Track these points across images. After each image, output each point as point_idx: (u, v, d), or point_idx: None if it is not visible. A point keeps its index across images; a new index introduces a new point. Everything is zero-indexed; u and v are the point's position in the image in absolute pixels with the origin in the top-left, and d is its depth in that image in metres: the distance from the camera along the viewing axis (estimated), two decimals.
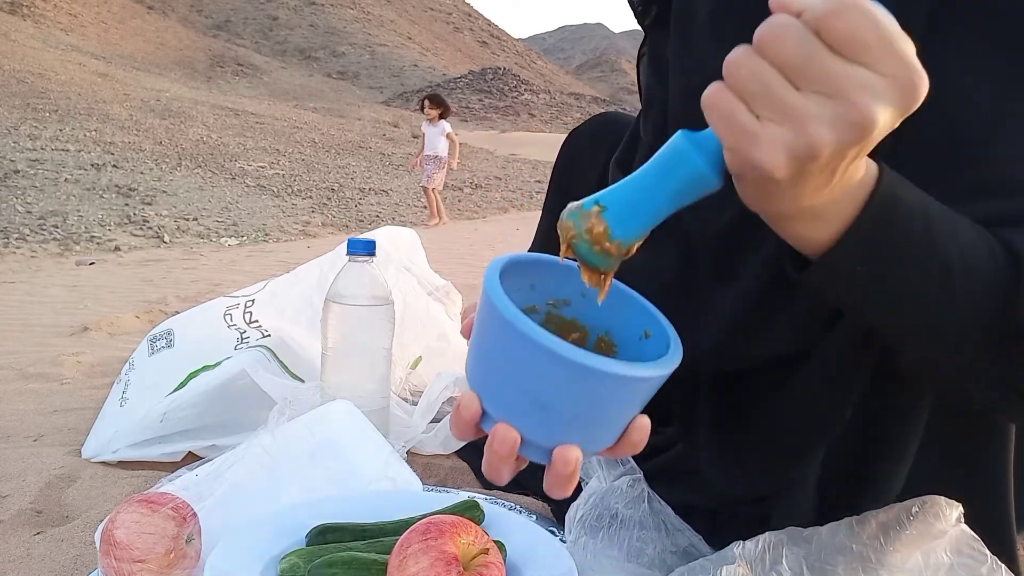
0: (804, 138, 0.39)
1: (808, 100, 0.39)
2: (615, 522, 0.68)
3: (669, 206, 0.46)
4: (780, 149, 0.40)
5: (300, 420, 0.84)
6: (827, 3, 0.38)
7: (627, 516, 0.68)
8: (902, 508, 0.57)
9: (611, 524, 0.68)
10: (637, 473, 0.71)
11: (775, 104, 0.39)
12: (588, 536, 0.67)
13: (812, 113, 0.39)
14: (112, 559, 0.64)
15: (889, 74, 0.38)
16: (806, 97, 0.39)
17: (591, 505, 0.69)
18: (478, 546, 0.59)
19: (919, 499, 0.57)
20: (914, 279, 0.49)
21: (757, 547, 0.59)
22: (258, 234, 6.75)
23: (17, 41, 23.89)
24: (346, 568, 0.60)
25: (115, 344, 2.22)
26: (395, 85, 61.13)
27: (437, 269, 1.53)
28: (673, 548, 0.67)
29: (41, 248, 5.59)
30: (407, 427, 1.13)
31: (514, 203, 10.73)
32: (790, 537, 0.59)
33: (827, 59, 0.38)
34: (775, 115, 0.39)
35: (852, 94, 0.38)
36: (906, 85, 0.39)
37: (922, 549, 0.55)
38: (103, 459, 1.12)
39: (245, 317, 1.24)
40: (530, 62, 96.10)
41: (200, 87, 32.63)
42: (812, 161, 0.40)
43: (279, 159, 12.13)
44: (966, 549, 0.56)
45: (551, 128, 35.34)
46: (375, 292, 1.00)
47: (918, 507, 0.56)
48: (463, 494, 0.81)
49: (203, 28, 71.49)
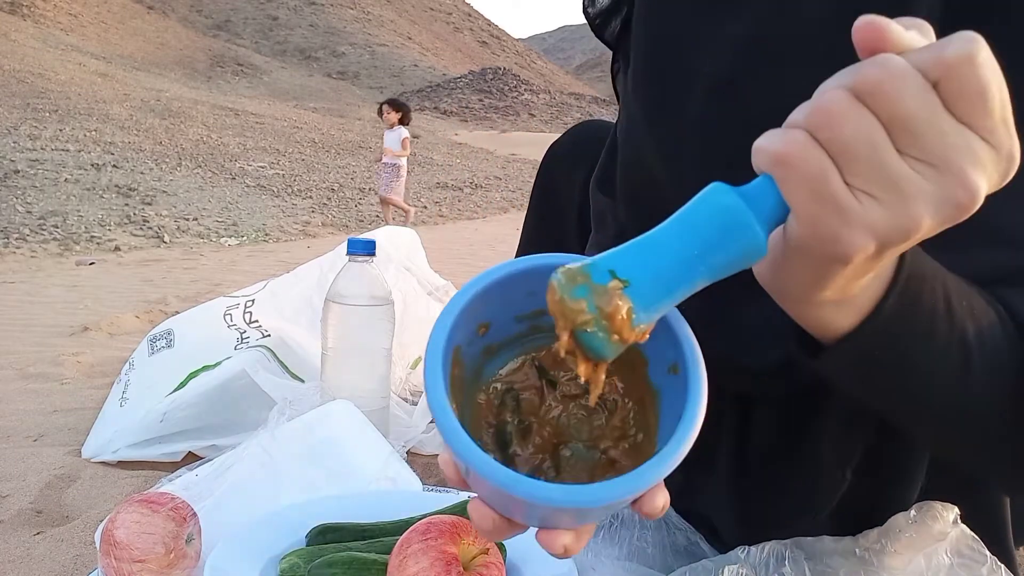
0: (904, 220, 0.31)
1: (915, 172, 0.31)
2: (616, 521, 0.68)
3: (707, 280, 0.35)
4: (873, 230, 0.32)
5: (300, 420, 0.84)
6: (951, 47, 0.30)
7: (627, 515, 0.68)
8: (901, 514, 0.57)
9: (611, 523, 0.68)
10: None
11: (882, 175, 0.31)
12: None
13: (920, 189, 0.31)
14: (112, 559, 0.64)
15: (998, 145, 0.31)
16: (913, 167, 0.31)
17: None
18: (478, 546, 0.59)
19: (916, 504, 0.57)
20: (936, 362, 0.43)
21: (762, 552, 0.59)
22: (258, 234, 6.75)
23: (17, 41, 23.89)
24: (346, 568, 0.60)
25: (115, 344, 2.22)
26: (395, 85, 61.13)
27: (437, 269, 1.53)
28: (674, 547, 0.67)
29: (41, 248, 5.59)
30: (407, 427, 1.13)
31: (514, 203, 10.72)
32: (794, 542, 0.59)
33: (945, 121, 0.30)
34: (878, 188, 0.31)
35: (965, 167, 0.31)
36: (1010, 159, 0.32)
37: (923, 552, 0.55)
38: (103, 459, 1.12)
39: (245, 317, 1.24)
40: (530, 62, 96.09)
41: (200, 87, 32.63)
42: (899, 245, 0.33)
43: (279, 159, 12.13)
44: (966, 550, 0.56)
45: (551, 128, 35.31)
46: (375, 292, 1.00)
47: (916, 511, 0.57)
48: (463, 494, 0.81)
49: (203, 28, 71.51)
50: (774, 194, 0.33)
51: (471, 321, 0.40)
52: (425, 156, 15.56)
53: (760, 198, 0.34)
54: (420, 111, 36.05)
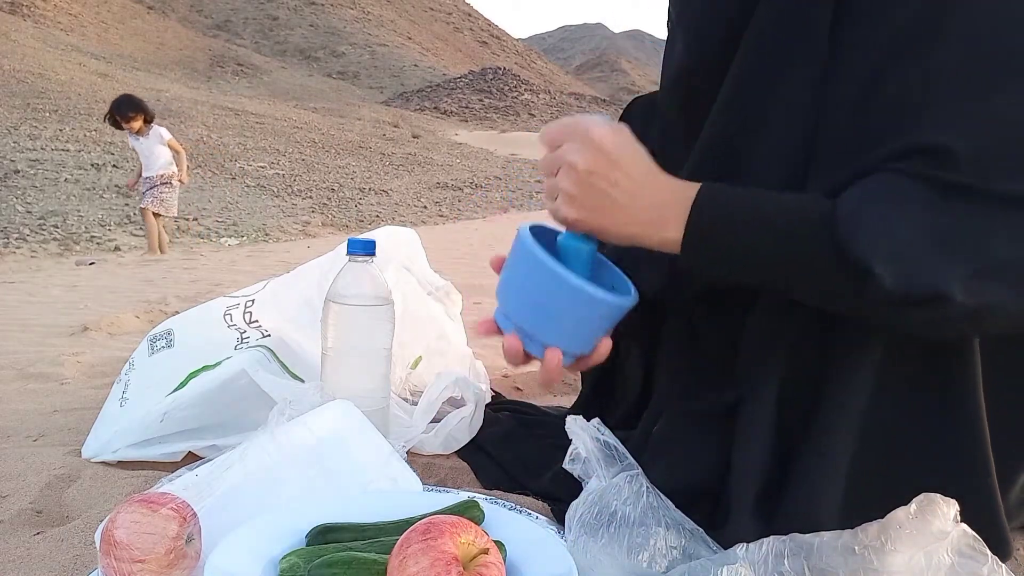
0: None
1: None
2: (614, 520, 0.68)
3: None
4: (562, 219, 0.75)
5: (300, 420, 0.84)
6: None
7: (626, 513, 0.68)
8: (901, 509, 0.57)
9: (610, 522, 0.68)
10: (635, 469, 0.71)
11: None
12: (588, 535, 0.67)
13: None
14: (112, 559, 0.64)
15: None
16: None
17: (590, 504, 0.69)
18: (478, 546, 0.59)
19: (916, 498, 0.57)
20: (754, 248, 0.66)
21: (760, 549, 0.59)
22: (258, 234, 6.74)
23: (17, 41, 23.89)
24: (346, 568, 0.60)
25: (115, 344, 2.22)
26: (395, 85, 61.14)
27: (437, 269, 1.53)
28: (674, 543, 0.68)
29: (41, 248, 5.59)
30: (407, 427, 1.13)
31: (514, 203, 10.73)
32: (793, 541, 0.59)
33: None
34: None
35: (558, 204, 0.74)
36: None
37: (924, 550, 0.55)
38: (103, 459, 1.12)
39: (245, 317, 1.24)
40: (530, 62, 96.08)
41: (200, 87, 32.63)
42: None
43: (279, 159, 12.13)
44: (967, 549, 0.56)
45: None
46: (375, 292, 1.00)
47: (916, 506, 0.56)
48: (463, 494, 0.81)
49: (203, 28, 71.50)
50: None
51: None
52: (425, 156, 15.56)
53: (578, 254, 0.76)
54: (420, 111, 36.02)
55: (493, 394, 1.37)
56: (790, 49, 0.71)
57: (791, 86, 0.71)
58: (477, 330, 0.79)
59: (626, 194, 0.70)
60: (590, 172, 0.70)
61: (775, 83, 0.72)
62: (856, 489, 0.69)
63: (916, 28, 0.64)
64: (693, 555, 0.66)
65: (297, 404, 0.87)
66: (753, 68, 0.73)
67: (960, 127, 0.61)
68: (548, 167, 0.74)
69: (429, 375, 1.32)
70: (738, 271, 0.69)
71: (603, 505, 0.69)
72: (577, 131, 0.72)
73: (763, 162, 0.72)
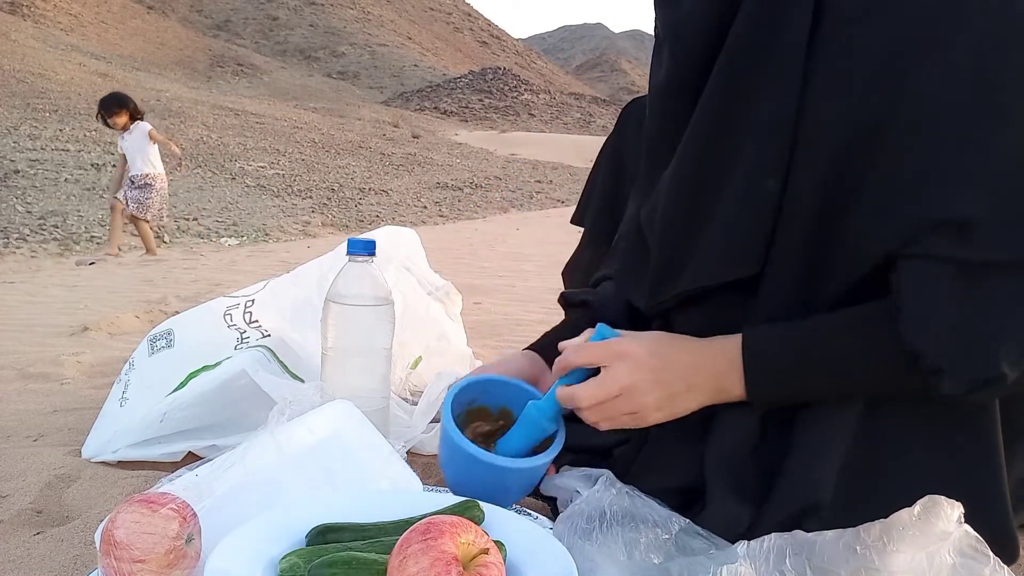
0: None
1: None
2: (604, 519, 0.69)
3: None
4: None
5: (300, 420, 0.84)
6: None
7: (615, 512, 0.69)
8: (904, 510, 0.57)
9: (601, 523, 0.69)
10: (614, 479, 0.74)
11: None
12: (583, 539, 0.68)
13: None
14: (112, 559, 0.64)
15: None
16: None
17: (578, 511, 0.70)
18: (478, 546, 0.59)
19: (920, 500, 0.57)
20: (817, 378, 0.70)
21: (761, 547, 0.59)
22: (258, 234, 6.75)
23: (17, 41, 23.89)
24: (346, 568, 0.60)
25: (115, 344, 2.22)
26: (395, 85, 61.14)
27: (437, 269, 1.53)
28: (666, 534, 0.68)
29: (41, 248, 5.59)
30: (407, 427, 1.13)
31: (514, 203, 10.73)
32: (794, 539, 0.59)
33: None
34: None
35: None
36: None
37: (926, 551, 0.55)
38: (103, 459, 1.12)
39: (245, 317, 1.24)
40: (530, 62, 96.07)
41: (200, 87, 32.64)
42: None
43: (279, 159, 12.13)
44: (968, 550, 0.56)
45: (551, 128, 35.29)
46: (375, 292, 1.00)
47: (920, 508, 0.56)
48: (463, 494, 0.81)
49: (203, 28, 71.49)
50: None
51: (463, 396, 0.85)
52: (425, 156, 15.56)
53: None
54: (420, 111, 36.01)
55: None
56: (764, 68, 0.70)
57: (767, 98, 0.69)
58: None
59: (689, 390, 0.75)
60: (646, 391, 0.74)
61: (751, 94, 0.71)
62: (855, 478, 0.69)
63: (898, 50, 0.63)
64: (685, 547, 0.67)
65: (297, 404, 0.87)
66: (728, 83, 0.72)
67: (975, 185, 0.61)
68: (604, 396, 0.75)
69: (429, 375, 1.32)
70: (806, 397, 0.72)
71: (592, 508, 0.70)
72: (609, 353, 0.76)
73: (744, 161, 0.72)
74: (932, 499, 0.56)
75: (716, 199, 0.73)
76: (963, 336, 0.62)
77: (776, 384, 0.71)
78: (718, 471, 0.75)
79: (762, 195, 0.69)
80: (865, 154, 0.64)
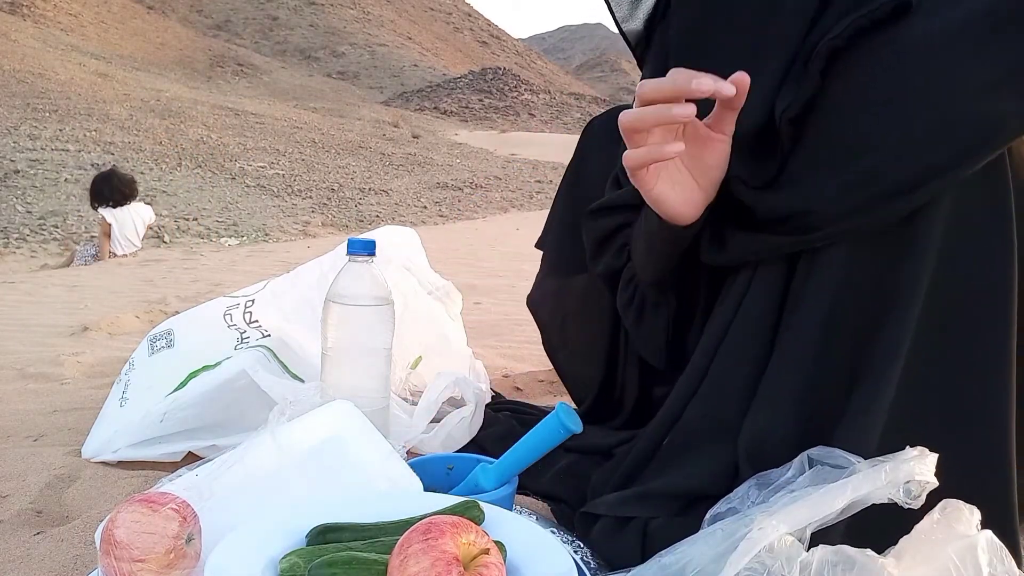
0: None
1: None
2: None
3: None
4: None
5: (300, 420, 0.84)
6: None
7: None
8: (925, 518, 0.56)
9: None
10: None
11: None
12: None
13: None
14: (112, 559, 0.64)
15: None
16: None
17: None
18: (478, 546, 0.59)
19: (939, 505, 0.56)
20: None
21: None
22: (258, 234, 6.75)
23: (17, 41, 23.89)
24: (346, 568, 0.60)
25: (115, 344, 2.22)
26: (395, 85, 61.11)
27: (437, 269, 1.53)
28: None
29: (41, 248, 5.59)
30: (407, 427, 1.12)
31: (514, 203, 10.73)
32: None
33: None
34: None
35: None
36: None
37: (947, 563, 0.54)
38: (103, 459, 1.12)
39: (245, 317, 1.24)
40: (530, 62, 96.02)
41: (200, 87, 32.62)
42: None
43: (279, 159, 12.13)
44: (995, 561, 0.55)
45: (551, 128, 35.26)
46: (375, 292, 1.00)
47: (939, 513, 0.55)
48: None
49: (203, 28, 71.46)
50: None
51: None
52: (425, 156, 15.56)
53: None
54: (420, 111, 35.99)
55: (493, 394, 1.37)
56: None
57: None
58: None
59: None
60: None
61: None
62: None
63: None
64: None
65: (297, 404, 0.87)
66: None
67: None
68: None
69: (429, 375, 1.32)
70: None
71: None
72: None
73: None
74: (953, 504, 0.56)
75: None
76: None
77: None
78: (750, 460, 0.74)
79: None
80: None
